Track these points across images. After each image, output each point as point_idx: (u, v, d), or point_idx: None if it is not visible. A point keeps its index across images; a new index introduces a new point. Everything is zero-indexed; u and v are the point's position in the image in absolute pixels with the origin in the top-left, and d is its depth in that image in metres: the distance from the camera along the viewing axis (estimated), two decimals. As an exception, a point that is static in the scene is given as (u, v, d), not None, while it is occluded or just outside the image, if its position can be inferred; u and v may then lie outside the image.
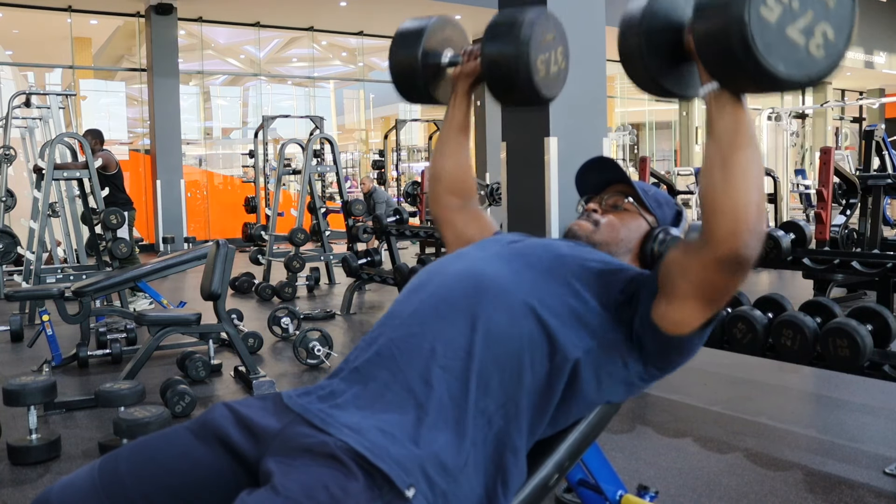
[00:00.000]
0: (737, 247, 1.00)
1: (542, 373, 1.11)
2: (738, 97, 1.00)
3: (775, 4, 0.89)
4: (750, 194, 1.00)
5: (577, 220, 1.37)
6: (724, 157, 1.01)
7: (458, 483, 1.02)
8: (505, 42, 1.36)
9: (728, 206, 1.00)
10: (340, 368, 1.15)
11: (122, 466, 1.11)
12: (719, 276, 1.05)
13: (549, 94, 1.42)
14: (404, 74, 1.52)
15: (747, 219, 1.00)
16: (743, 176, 1.00)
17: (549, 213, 4.09)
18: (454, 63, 1.51)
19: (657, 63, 1.08)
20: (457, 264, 1.22)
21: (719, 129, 1.02)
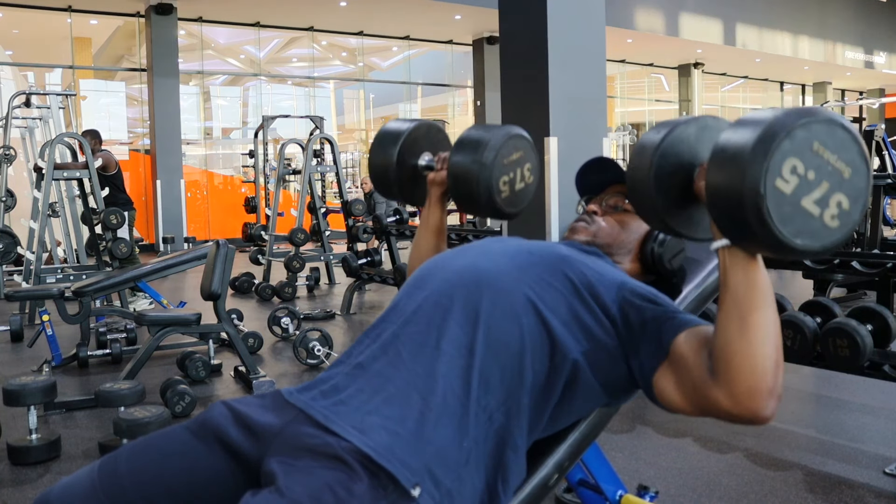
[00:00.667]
0: (756, 408, 0.97)
1: (542, 371, 1.11)
2: (752, 256, 0.98)
3: (791, 177, 0.87)
4: (768, 355, 0.97)
5: (576, 223, 1.37)
6: (741, 314, 0.98)
7: (461, 480, 1.02)
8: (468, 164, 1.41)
9: (746, 366, 0.96)
10: (341, 362, 1.15)
11: (121, 467, 1.11)
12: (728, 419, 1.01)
13: (512, 210, 1.47)
14: (380, 174, 1.59)
15: (766, 380, 0.96)
16: (762, 335, 0.97)
17: (549, 213, 4.09)
18: (430, 168, 1.57)
19: (665, 202, 1.06)
20: (459, 260, 1.22)
21: (734, 284, 0.99)
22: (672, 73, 17.66)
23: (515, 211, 1.48)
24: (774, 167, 0.87)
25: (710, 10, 14.55)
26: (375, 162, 1.59)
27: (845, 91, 20.80)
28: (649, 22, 13.82)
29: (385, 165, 1.57)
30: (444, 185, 1.53)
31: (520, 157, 1.45)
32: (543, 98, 4.16)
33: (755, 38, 15.48)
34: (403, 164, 1.56)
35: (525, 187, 1.48)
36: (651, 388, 1.09)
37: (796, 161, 0.87)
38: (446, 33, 14.35)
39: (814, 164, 0.88)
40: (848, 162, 0.90)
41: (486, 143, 1.40)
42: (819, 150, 0.88)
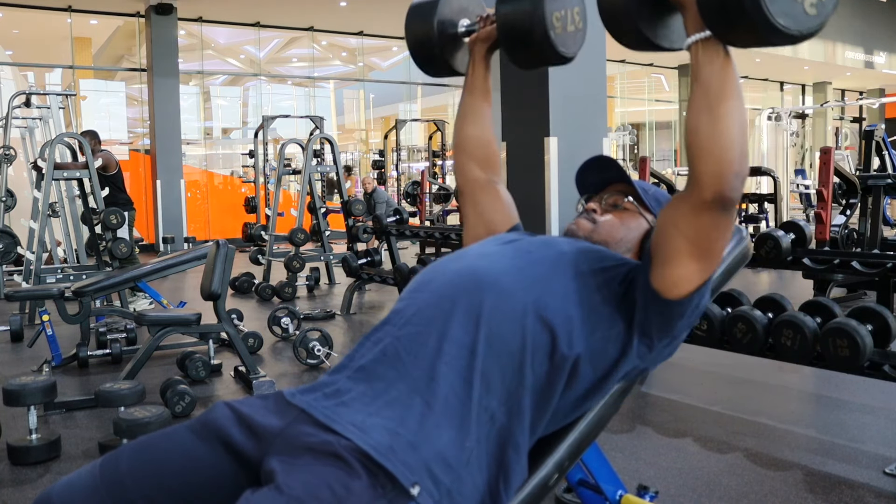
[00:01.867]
0: (722, 188, 1.05)
1: (542, 371, 1.11)
2: (726, 48, 1.05)
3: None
4: (735, 140, 1.05)
5: (577, 220, 1.38)
6: (711, 104, 1.05)
7: (461, 480, 1.03)
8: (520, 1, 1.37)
9: (714, 150, 1.05)
10: (343, 365, 1.15)
11: (122, 466, 1.12)
12: (708, 219, 1.09)
13: (566, 51, 1.41)
14: (421, 46, 1.52)
15: (732, 161, 1.05)
16: (730, 123, 1.05)
17: (549, 212, 4.09)
18: (471, 31, 1.51)
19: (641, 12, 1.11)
20: (459, 263, 1.23)
21: (706, 76, 1.06)
22: (672, 73, 17.66)
23: (569, 53, 1.42)
24: None
25: (710, 10, 14.53)
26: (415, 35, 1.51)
27: (845, 91, 20.79)
28: (649, 22, 13.79)
29: (426, 36, 1.49)
30: (489, 40, 1.48)
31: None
32: (543, 98, 4.16)
33: (755, 38, 15.46)
34: (444, 34, 1.50)
35: (576, 31, 1.43)
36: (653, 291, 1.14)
37: None
38: (446, 33, 14.33)
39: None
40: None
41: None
42: None
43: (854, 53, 17.39)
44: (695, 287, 1.14)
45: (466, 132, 1.52)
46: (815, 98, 19.31)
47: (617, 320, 1.16)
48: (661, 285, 1.14)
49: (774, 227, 3.35)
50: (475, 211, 1.51)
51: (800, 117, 12.86)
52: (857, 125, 17.68)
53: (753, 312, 2.96)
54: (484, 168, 1.51)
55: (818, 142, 17.53)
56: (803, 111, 14.29)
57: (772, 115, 11.39)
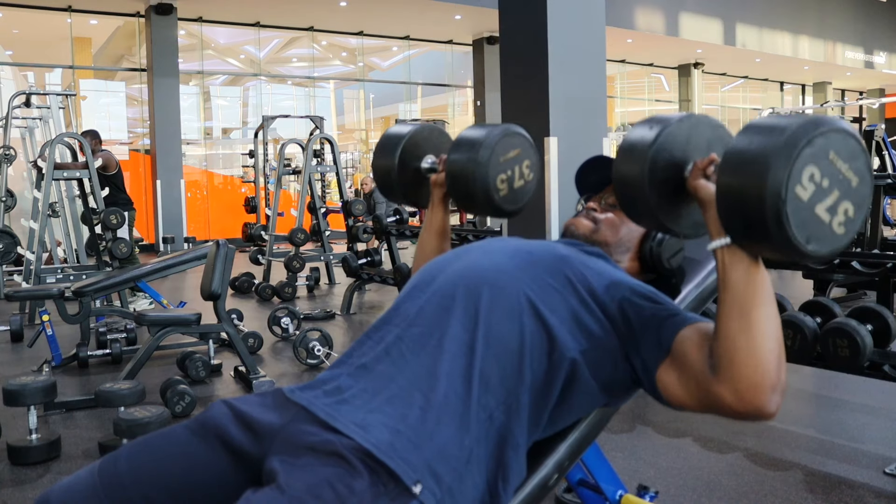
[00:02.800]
0: (760, 404, 0.97)
1: (540, 370, 1.11)
2: (754, 256, 0.99)
3: (809, 184, 0.90)
4: (771, 349, 0.97)
5: (577, 218, 1.37)
6: (742, 313, 0.98)
7: (462, 478, 1.03)
8: (465, 162, 1.42)
9: (750, 362, 0.97)
10: (343, 362, 1.15)
11: (121, 467, 1.11)
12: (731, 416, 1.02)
13: (512, 208, 1.48)
14: (383, 178, 1.61)
15: (769, 372, 0.97)
16: (763, 331, 0.98)
17: (549, 212, 4.09)
18: (433, 170, 1.58)
19: (658, 198, 1.07)
20: (459, 261, 1.23)
21: (734, 282, 1.00)
22: (672, 73, 17.67)
23: (516, 209, 1.48)
24: (796, 173, 0.89)
25: (710, 10, 14.55)
26: (379, 166, 1.62)
27: (845, 91, 20.79)
28: (649, 22, 13.82)
29: (388, 169, 1.59)
30: (445, 186, 1.54)
31: (517, 155, 1.45)
32: (543, 98, 4.16)
33: (755, 38, 15.48)
34: (406, 168, 1.58)
35: (525, 185, 1.48)
36: (655, 385, 1.10)
37: (814, 169, 0.90)
38: (446, 33, 14.35)
39: (829, 172, 0.91)
40: (856, 171, 0.94)
41: (481, 142, 1.41)
42: (834, 160, 0.92)
43: (854, 53, 17.39)
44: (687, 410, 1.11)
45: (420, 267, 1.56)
46: (815, 98, 19.31)
47: (611, 335, 1.14)
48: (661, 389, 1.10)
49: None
50: None
51: (800, 117, 12.84)
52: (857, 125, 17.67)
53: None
54: None
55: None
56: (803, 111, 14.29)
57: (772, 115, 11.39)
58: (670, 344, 1.08)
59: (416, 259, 1.63)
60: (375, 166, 1.63)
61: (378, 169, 1.62)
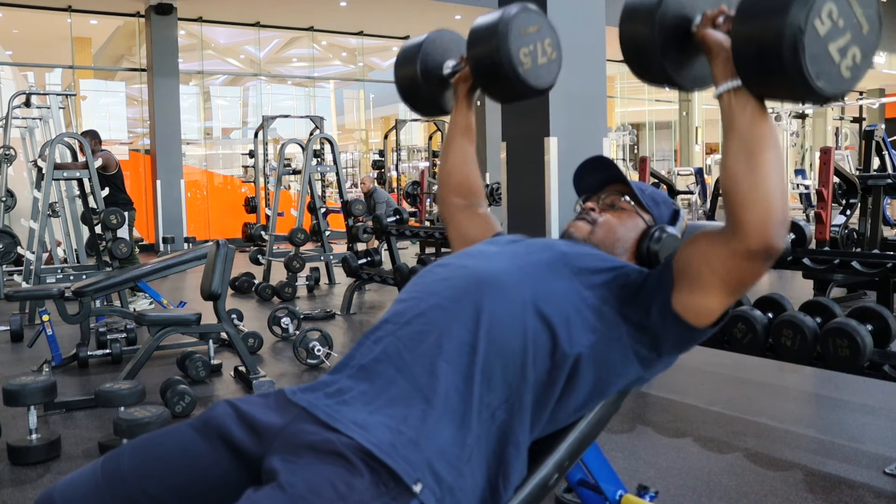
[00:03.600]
0: (768, 238, 1.04)
1: (543, 369, 1.12)
2: (760, 99, 1.04)
3: (827, 20, 0.94)
4: (777, 189, 1.03)
5: (574, 221, 1.39)
6: (749, 154, 1.04)
7: (462, 477, 1.03)
8: (485, 39, 1.41)
9: (758, 199, 1.03)
10: (343, 365, 1.16)
11: (124, 464, 1.12)
12: (748, 266, 1.07)
13: (539, 84, 1.44)
14: (408, 90, 1.60)
15: (776, 210, 1.03)
16: (770, 173, 1.03)
17: (549, 212, 4.09)
18: (456, 72, 1.56)
19: (667, 51, 1.11)
20: (459, 262, 1.24)
21: (741, 126, 1.04)
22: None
23: (542, 86, 1.45)
24: (817, 7, 0.93)
25: (710, 10, 14.53)
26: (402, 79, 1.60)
27: (845, 91, 20.77)
28: (649, 22, 13.80)
29: (411, 79, 1.57)
30: (469, 80, 1.52)
31: (538, 30, 1.44)
32: (543, 98, 4.16)
33: (755, 38, 15.45)
34: (430, 77, 1.56)
35: (548, 63, 1.45)
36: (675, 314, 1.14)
37: (833, 5, 0.94)
38: (446, 33, 14.34)
39: (845, 12, 0.95)
40: (868, 18, 0.98)
41: (498, 17, 1.40)
42: (851, 1, 0.96)
43: (854, 53, 17.35)
44: (717, 317, 1.15)
45: (449, 168, 1.59)
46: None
47: (619, 323, 1.16)
48: (683, 311, 1.13)
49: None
50: (456, 231, 1.58)
51: (800, 117, 12.87)
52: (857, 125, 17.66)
53: (753, 312, 2.96)
54: (465, 197, 1.59)
55: (818, 142, 17.51)
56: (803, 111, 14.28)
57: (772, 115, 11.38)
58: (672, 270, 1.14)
59: (442, 164, 1.62)
60: (399, 77, 1.60)
61: (403, 83, 1.59)
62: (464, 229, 1.57)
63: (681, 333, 1.15)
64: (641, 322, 1.16)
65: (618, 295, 1.17)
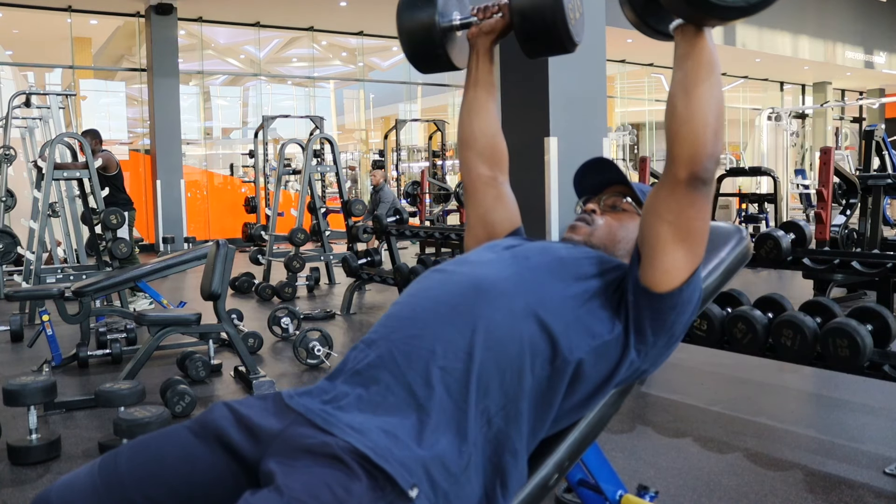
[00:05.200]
0: (696, 168, 1.10)
1: (542, 376, 1.11)
2: (700, 30, 1.10)
3: None
4: (709, 122, 1.09)
5: (575, 223, 1.38)
6: (686, 87, 1.09)
7: (459, 484, 1.02)
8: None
9: (689, 133, 1.09)
10: (339, 370, 1.15)
11: (121, 466, 1.12)
12: (684, 198, 1.12)
13: (578, 38, 1.43)
14: (417, 40, 1.43)
15: (705, 143, 1.09)
16: (705, 105, 1.09)
17: (549, 212, 4.09)
18: (466, 24, 1.46)
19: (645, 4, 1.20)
20: (457, 269, 1.23)
21: (682, 58, 1.11)
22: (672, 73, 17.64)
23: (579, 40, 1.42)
24: None
25: (710, 10, 14.52)
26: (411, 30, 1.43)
27: (845, 91, 20.78)
28: (649, 22, 13.79)
29: (425, 30, 1.41)
30: (493, 33, 1.43)
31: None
32: (543, 98, 4.15)
33: (755, 38, 15.47)
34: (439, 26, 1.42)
35: (581, 17, 1.44)
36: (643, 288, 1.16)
37: None
38: (446, 33, 14.33)
39: None
40: None
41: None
42: None
43: (854, 53, 17.38)
44: (684, 278, 1.15)
45: (472, 127, 1.47)
46: (815, 98, 19.30)
47: (616, 323, 1.16)
48: (650, 280, 1.15)
49: (774, 227, 3.35)
50: (476, 212, 1.48)
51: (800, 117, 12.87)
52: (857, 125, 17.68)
53: (753, 312, 2.96)
54: (490, 164, 1.48)
55: (818, 142, 17.52)
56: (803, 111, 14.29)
57: (772, 115, 11.39)
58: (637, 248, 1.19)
59: (462, 120, 1.49)
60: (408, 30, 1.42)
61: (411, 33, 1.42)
62: (487, 213, 1.46)
63: (654, 306, 1.16)
64: (628, 312, 1.17)
65: (613, 296, 1.17)
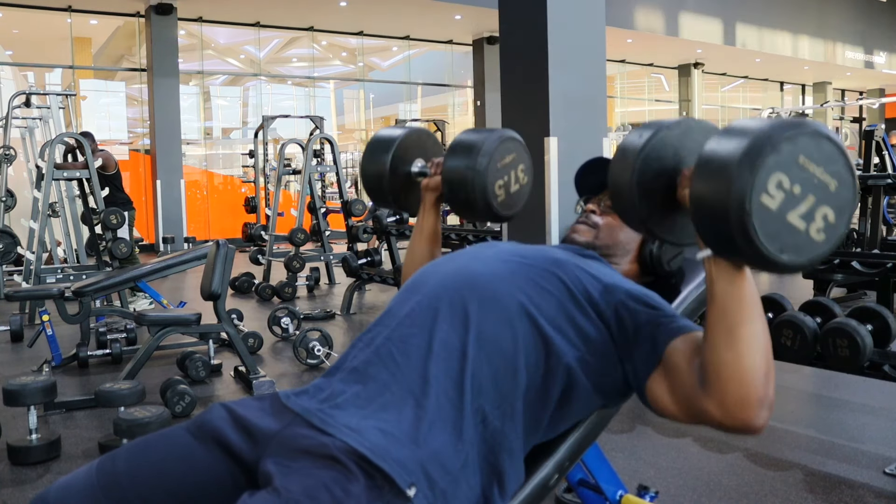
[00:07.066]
0: (746, 419, 0.95)
1: (537, 374, 1.11)
2: (739, 267, 0.96)
3: (777, 192, 0.85)
4: (758, 366, 0.95)
5: (576, 225, 1.37)
6: (728, 326, 0.96)
7: (457, 483, 1.02)
8: (463, 170, 1.42)
9: (736, 377, 0.95)
10: (337, 367, 1.16)
11: (119, 467, 1.12)
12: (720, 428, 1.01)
13: (508, 213, 1.49)
14: (373, 183, 1.57)
15: (756, 391, 0.95)
16: (750, 347, 0.95)
17: (549, 212, 4.09)
18: (423, 174, 1.56)
19: (648, 208, 1.04)
20: (452, 265, 1.23)
21: (720, 294, 0.97)
22: (672, 73, 17.66)
23: (511, 213, 1.49)
24: (760, 183, 0.84)
25: (709, 9, 14.54)
26: (368, 170, 1.58)
27: (845, 91, 20.78)
28: (649, 22, 13.81)
29: (378, 174, 1.56)
30: (439, 190, 1.53)
31: (513, 160, 1.46)
32: (543, 98, 4.15)
33: (755, 38, 15.47)
34: (397, 172, 1.56)
35: (520, 189, 1.49)
36: (644, 393, 1.09)
37: (782, 176, 0.85)
38: (446, 33, 14.35)
39: (799, 177, 0.86)
40: (833, 174, 0.88)
41: (479, 149, 1.41)
42: (805, 164, 0.87)
43: (854, 53, 17.39)
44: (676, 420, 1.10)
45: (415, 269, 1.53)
46: (815, 98, 19.30)
47: (607, 339, 1.13)
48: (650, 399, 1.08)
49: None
50: None
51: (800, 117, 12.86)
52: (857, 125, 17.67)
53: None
54: None
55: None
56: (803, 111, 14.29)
57: (772, 115, 11.39)
58: (662, 353, 1.07)
59: (406, 265, 1.60)
60: (366, 171, 1.59)
61: (369, 174, 1.58)
62: None
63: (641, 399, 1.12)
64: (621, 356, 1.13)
65: (613, 317, 1.14)
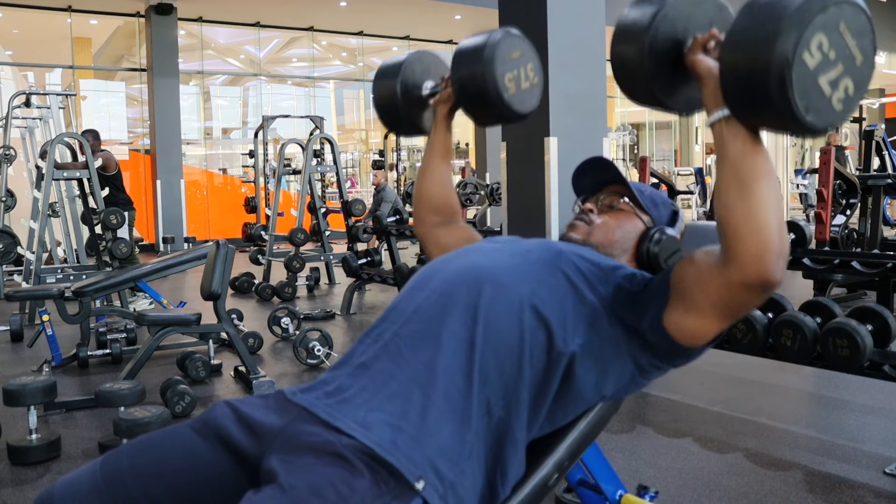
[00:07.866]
0: (764, 270, 0.99)
1: (539, 366, 1.12)
2: (752, 128, 1.00)
3: (816, 52, 0.89)
4: (772, 221, 0.99)
5: (573, 223, 1.38)
6: (742, 185, 0.99)
7: (463, 473, 1.04)
8: (471, 64, 1.41)
9: (752, 230, 0.98)
10: (343, 362, 1.16)
11: (123, 464, 1.12)
12: (743, 296, 1.04)
13: (522, 109, 1.46)
14: (387, 108, 1.58)
15: (772, 241, 0.98)
16: (765, 203, 0.99)
17: (549, 212, 4.09)
18: (434, 93, 1.57)
19: (656, 73, 1.07)
20: (458, 260, 1.24)
21: (733, 155, 1.00)
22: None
23: (525, 111, 1.46)
24: (806, 39, 0.88)
25: (710, 9, 14.52)
26: (381, 95, 1.59)
27: (845, 91, 20.75)
28: (649, 22, 13.79)
29: (390, 97, 1.56)
30: (451, 101, 1.52)
31: (521, 56, 1.45)
32: (543, 98, 4.14)
33: (755, 38, 15.46)
34: (409, 98, 1.57)
35: (531, 87, 1.47)
36: (665, 331, 1.12)
37: (823, 37, 0.90)
38: (446, 33, 14.34)
39: (837, 44, 0.92)
40: (862, 49, 0.95)
41: (483, 43, 1.41)
42: (843, 32, 0.92)
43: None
44: (708, 340, 1.13)
45: (427, 189, 1.58)
46: (815, 98, 19.25)
47: (614, 324, 1.15)
48: (674, 329, 1.12)
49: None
50: (436, 246, 1.57)
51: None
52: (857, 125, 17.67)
53: (753, 312, 2.96)
54: (444, 215, 1.59)
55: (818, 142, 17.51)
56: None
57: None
58: (668, 284, 1.12)
59: (419, 182, 1.60)
60: (378, 97, 1.59)
61: (381, 99, 1.58)
62: (443, 242, 1.55)
63: (669, 348, 1.14)
64: (635, 328, 1.15)
65: (614, 297, 1.16)
